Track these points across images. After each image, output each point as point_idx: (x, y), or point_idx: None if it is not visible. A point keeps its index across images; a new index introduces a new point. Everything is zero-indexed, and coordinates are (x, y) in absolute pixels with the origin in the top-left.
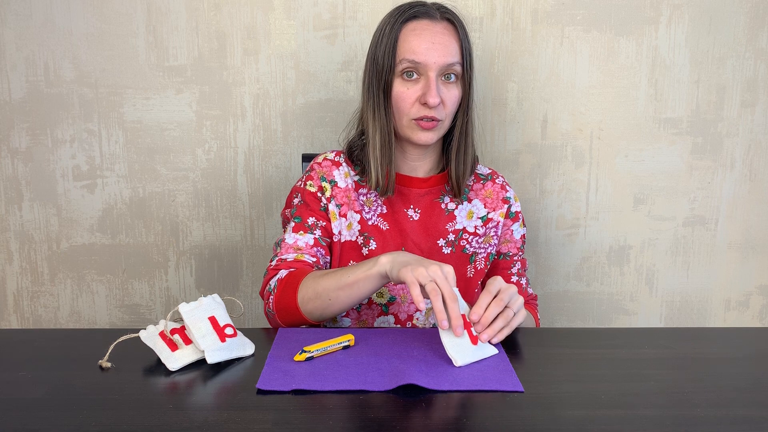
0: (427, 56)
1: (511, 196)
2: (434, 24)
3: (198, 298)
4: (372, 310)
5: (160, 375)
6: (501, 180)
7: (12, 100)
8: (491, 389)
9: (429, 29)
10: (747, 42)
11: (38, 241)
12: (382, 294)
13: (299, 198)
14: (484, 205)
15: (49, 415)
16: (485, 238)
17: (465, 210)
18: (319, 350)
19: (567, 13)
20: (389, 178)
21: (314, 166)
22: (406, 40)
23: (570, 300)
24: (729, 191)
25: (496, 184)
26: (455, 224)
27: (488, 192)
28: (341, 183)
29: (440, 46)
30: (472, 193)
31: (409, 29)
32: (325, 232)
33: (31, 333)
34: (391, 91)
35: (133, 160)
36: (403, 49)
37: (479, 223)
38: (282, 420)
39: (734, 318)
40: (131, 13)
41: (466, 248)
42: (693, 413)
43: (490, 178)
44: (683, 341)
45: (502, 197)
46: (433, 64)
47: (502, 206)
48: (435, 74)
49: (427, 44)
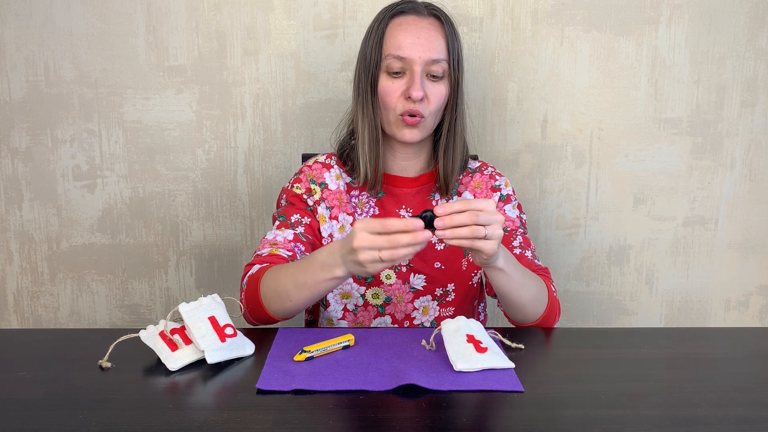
0: (411, 51)
1: (501, 183)
2: (420, 19)
3: (198, 298)
4: (368, 312)
5: (160, 375)
6: (490, 170)
7: (12, 100)
8: (491, 389)
9: (415, 24)
10: (747, 42)
11: (38, 241)
12: (378, 295)
13: (285, 199)
14: (473, 197)
15: (49, 415)
16: None
17: None
18: (319, 350)
19: (567, 13)
20: (377, 173)
21: (304, 169)
22: (392, 35)
23: (570, 300)
24: (729, 191)
25: (485, 174)
26: None
27: (476, 183)
28: (332, 185)
29: (425, 41)
30: (462, 186)
31: (395, 24)
32: (309, 230)
33: (31, 333)
34: (377, 87)
35: (133, 160)
36: (389, 44)
37: None
38: (282, 420)
39: (734, 318)
40: (131, 13)
41: None
42: (693, 413)
43: (478, 170)
44: (683, 341)
45: (491, 186)
46: (418, 58)
47: (491, 195)
48: (420, 69)
49: (412, 39)
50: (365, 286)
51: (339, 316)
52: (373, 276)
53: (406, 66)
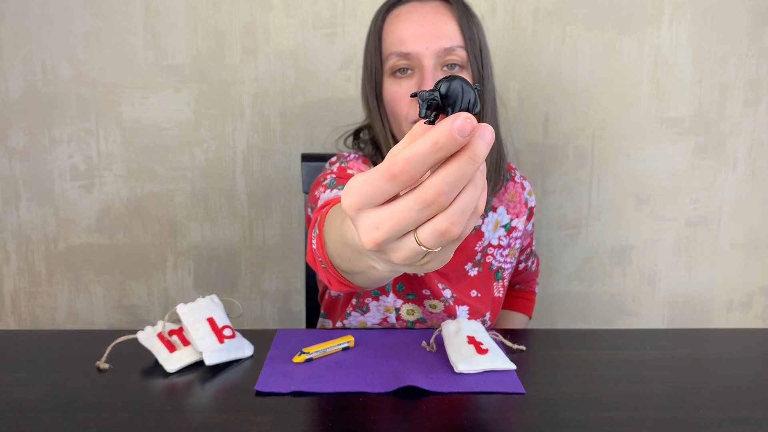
0: (416, 43)
1: (527, 194)
2: (422, 5)
3: (196, 298)
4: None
5: (158, 376)
6: (519, 177)
7: (9, 99)
8: (492, 391)
9: (415, 11)
10: (749, 41)
11: (35, 242)
12: (413, 312)
13: (330, 178)
14: (506, 211)
15: (47, 417)
16: (510, 250)
17: (492, 222)
18: (318, 352)
19: (568, 12)
20: None
21: (340, 156)
22: (391, 29)
23: (572, 301)
24: (731, 191)
25: (516, 183)
26: (483, 242)
27: (510, 195)
28: None
29: (431, 28)
30: (495, 200)
31: (393, 17)
32: None
33: (29, 334)
34: (383, 95)
35: (131, 159)
36: (389, 41)
37: (503, 232)
38: (281, 422)
39: (737, 319)
40: (129, 12)
41: (492, 264)
42: (695, 414)
43: (509, 177)
44: (685, 342)
45: (524, 200)
46: (426, 50)
47: (524, 211)
48: (431, 63)
49: (415, 29)
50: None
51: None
52: (416, 294)
53: (413, 63)
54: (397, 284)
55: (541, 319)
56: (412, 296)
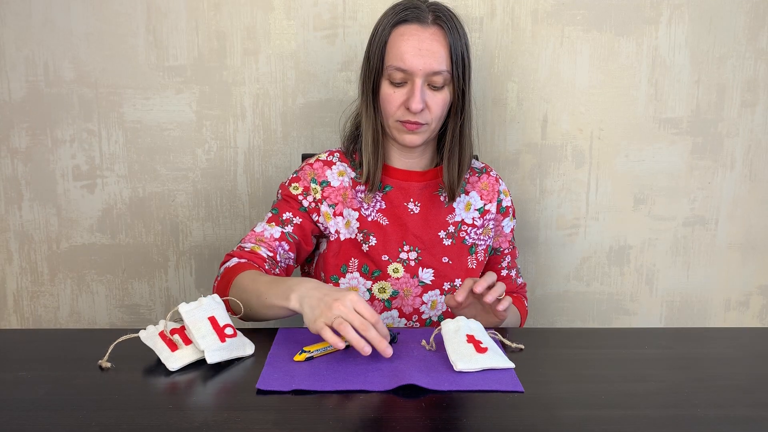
0: (413, 63)
1: (501, 189)
2: (423, 29)
3: (198, 298)
4: (374, 306)
5: (160, 375)
6: (495, 173)
7: (12, 100)
8: (491, 389)
9: (417, 35)
10: (747, 42)
11: (38, 241)
12: (384, 289)
13: (281, 195)
14: (480, 197)
15: (49, 416)
16: (484, 230)
17: (463, 202)
18: (319, 350)
19: (567, 13)
20: (377, 172)
21: (305, 167)
22: (395, 45)
23: (570, 300)
24: (729, 191)
25: (491, 176)
26: (454, 216)
27: (484, 184)
28: (335, 182)
29: (427, 52)
30: (469, 185)
31: (398, 34)
32: (299, 230)
33: (31, 333)
34: (379, 92)
35: (132, 160)
36: (391, 54)
37: (476, 215)
38: (282, 420)
39: (734, 318)
40: (131, 13)
41: (466, 239)
42: (693, 413)
43: (484, 171)
44: (683, 341)
45: (497, 191)
46: (419, 71)
47: (495, 198)
48: (421, 80)
49: (414, 51)
50: (372, 280)
51: None
52: (381, 269)
53: (407, 77)
54: (362, 267)
55: (539, 319)
56: (377, 272)
